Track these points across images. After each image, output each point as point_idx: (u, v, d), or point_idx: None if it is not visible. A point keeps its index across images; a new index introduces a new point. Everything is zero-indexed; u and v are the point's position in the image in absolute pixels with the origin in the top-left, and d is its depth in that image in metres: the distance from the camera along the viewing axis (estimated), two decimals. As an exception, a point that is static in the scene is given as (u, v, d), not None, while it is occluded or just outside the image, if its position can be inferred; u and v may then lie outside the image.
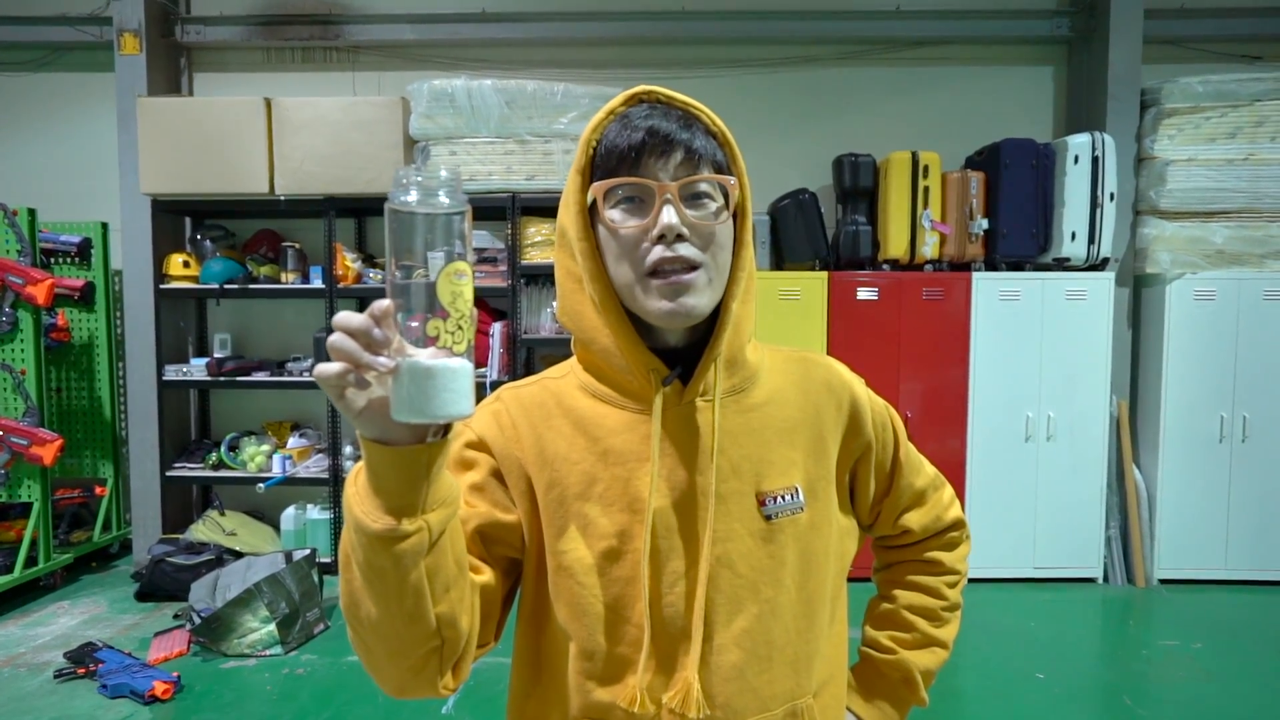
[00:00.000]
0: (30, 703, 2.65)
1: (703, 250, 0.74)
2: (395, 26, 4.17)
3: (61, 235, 3.99)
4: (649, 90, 0.79)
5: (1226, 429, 3.76)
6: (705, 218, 0.74)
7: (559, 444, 0.78)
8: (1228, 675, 2.90)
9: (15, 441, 3.48)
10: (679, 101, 0.78)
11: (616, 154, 0.74)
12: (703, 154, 0.75)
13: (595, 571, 0.76)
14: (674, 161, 0.74)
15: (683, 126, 0.75)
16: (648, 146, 0.73)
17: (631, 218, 0.74)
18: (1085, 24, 4.04)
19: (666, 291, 0.73)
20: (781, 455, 0.80)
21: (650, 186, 0.73)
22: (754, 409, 0.80)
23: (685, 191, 0.73)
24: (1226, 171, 3.75)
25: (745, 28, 4.14)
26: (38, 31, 4.25)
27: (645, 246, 0.73)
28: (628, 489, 0.76)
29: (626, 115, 0.76)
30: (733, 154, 0.78)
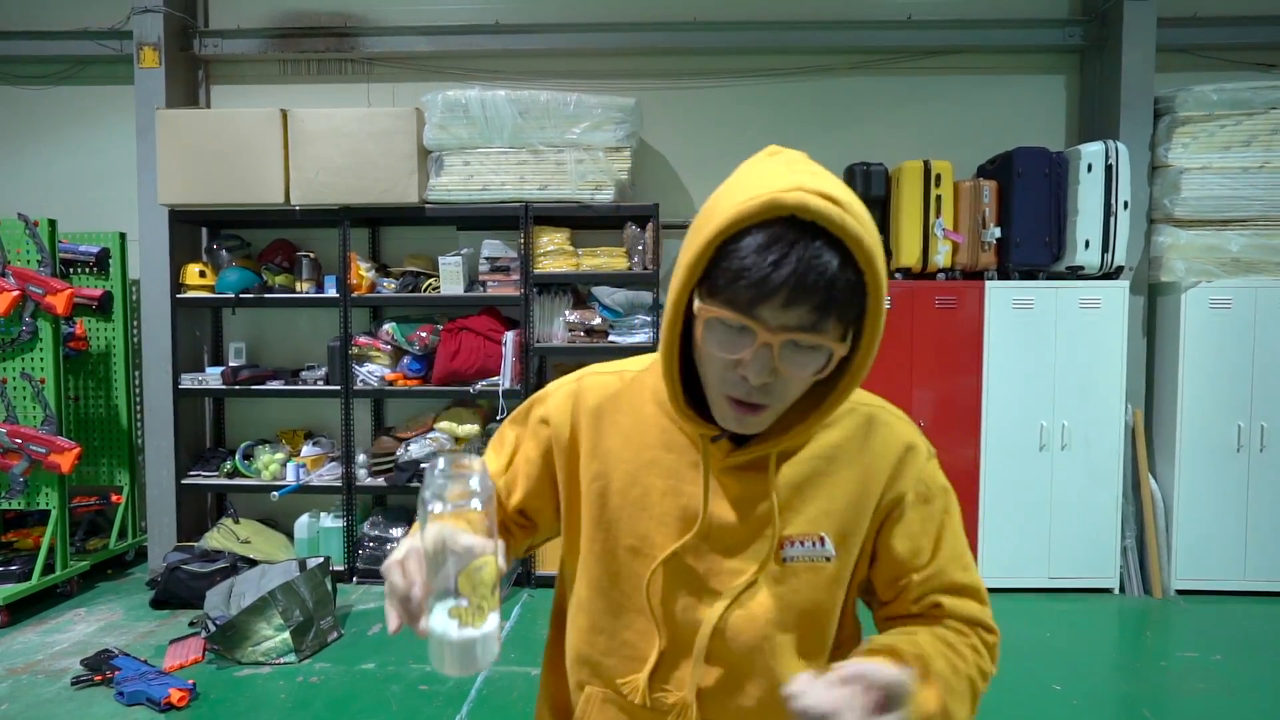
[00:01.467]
0: (48, 709, 2.67)
1: (782, 394, 0.73)
2: (410, 38, 4.21)
3: (80, 245, 4.04)
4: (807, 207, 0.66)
5: (1244, 438, 3.73)
6: (797, 369, 0.71)
7: (615, 439, 0.84)
8: (1249, 688, 2.86)
9: (34, 449, 3.51)
10: (842, 230, 0.67)
11: (740, 285, 0.68)
12: (832, 308, 0.68)
13: (619, 562, 0.83)
14: (797, 313, 0.68)
15: (824, 267, 0.66)
16: (777, 290, 0.66)
17: (725, 345, 0.71)
18: (1098, 32, 4.04)
19: (732, 417, 0.75)
20: (816, 506, 0.82)
21: (756, 331, 0.69)
22: (801, 462, 0.82)
23: (788, 342, 0.70)
24: (1242, 179, 3.73)
25: (757, 37, 4.16)
26: (59, 45, 4.32)
27: (730, 372, 0.72)
28: (663, 501, 0.82)
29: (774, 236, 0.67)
30: (875, 299, 0.71)
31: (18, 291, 3.47)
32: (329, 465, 4.11)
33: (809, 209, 0.66)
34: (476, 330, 3.89)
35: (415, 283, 3.96)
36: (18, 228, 3.57)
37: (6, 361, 3.57)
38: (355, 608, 3.61)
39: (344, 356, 3.92)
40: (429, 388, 3.94)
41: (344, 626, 3.37)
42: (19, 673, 2.95)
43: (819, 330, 0.69)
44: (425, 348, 3.93)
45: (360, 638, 3.29)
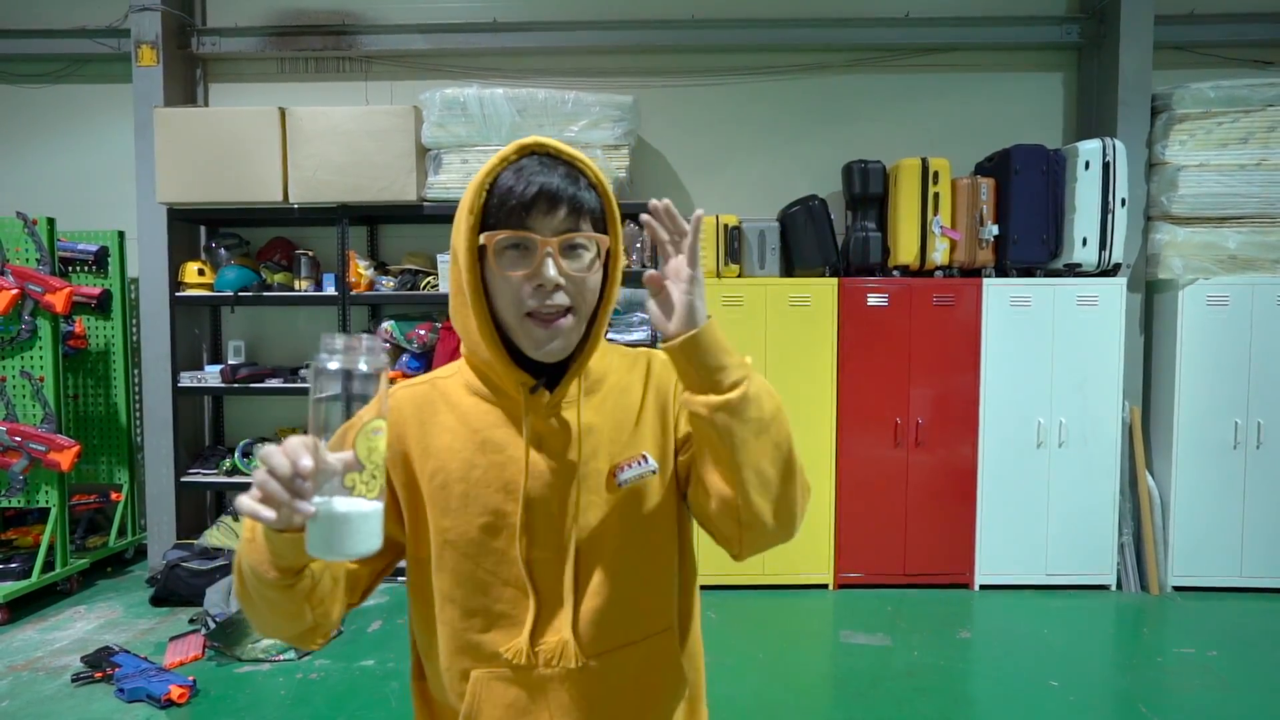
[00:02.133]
0: (48, 706, 2.68)
1: (575, 296, 0.86)
2: (408, 36, 4.21)
3: (79, 244, 4.05)
4: (539, 143, 0.87)
5: (1241, 435, 3.74)
6: (580, 269, 0.86)
7: (443, 436, 0.91)
8: (1245, 684, 2.87)
9: (33, 447, 3.52)
10: (566, 155, 0.88)
11: (507, 206, 0.84)
12: (583, 208, 0.86)
13: (476, 543, 0.89)
14: (557, 216, 0.85)
15: (569, 181, 0.85)
16: (535, 201, 0.84)
17: (515, 265, 0.85)
18: (1095, 30, 4.04)
19: (540, 335, 0.86)
20: (632, 434, 0.93)
21: (534, 240, 0.84)
22: (605, 401, 0.94)
23: (564, 244, 0.85)
24: (1239, 177, 3.74)
25: (755, 35, 4.16)
26: (57, 44, 4.31)
27: (526, 290, 0.85)
28: (503, 473, 0.89)
29: (519, 166, 0.86)
30: (610, 206, 0.89)
31: (17, 290, 3.48)
32: (328, 463, 4.11)
33: (543, 144, 0.87)
34: (475, 328, 3.89)
35: (414, 281, 3.97)
36: (16, 226, 3.57)
37: (6, 360, 3.58)
38: (354, 605, 3.62)
39: (343, 354, 3.92)
40: (428, 386, 3.94)
41: (343, 624, 3.38)
42: (19, 670, 2.96)
43: (581, 228, 0.86)
44: (424, 345, 3.94)
45: (360, 635, 3.30)
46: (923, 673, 2.96)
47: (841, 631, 3.34)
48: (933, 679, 2.91)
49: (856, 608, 3.60)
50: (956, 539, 3.82)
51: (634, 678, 0.92)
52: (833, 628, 3.39)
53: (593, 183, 0.88)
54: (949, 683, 2.90)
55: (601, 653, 0.90)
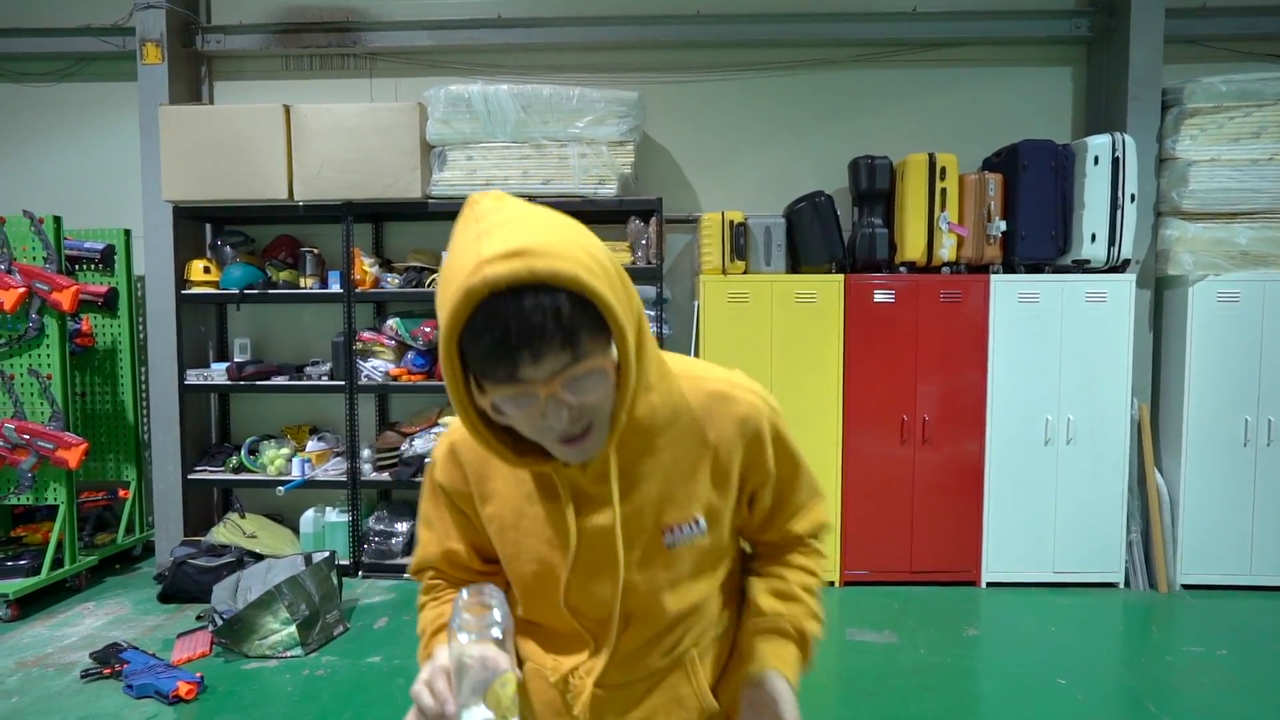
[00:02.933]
0: (58, 702, 2.70)
1: (594, 410, 0.79)
2: (412, 33, 4.20)
3: (86, 242, 4.06)
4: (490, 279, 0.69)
5: (1251, 432, 3.71)
6: (590, 391, 0.76)
7: (497, 482, 0.94)
8: (1255, 683, 2.85)
9: (41, 445, 3.53)
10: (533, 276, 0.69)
11: (490, 366, 0.72)
12: (574, 337, 0.72)
13: (529, 587, 0.95)
14: (549, 359, 0.72)
15: (543, 315, 0.70)
16: (518, 354, 0.71)
17: (519, 407, 0.76)
18: (1105, 23, 4.00)
19: (569, 453, 0.82)
20: (684, 490, 0.91)
21: (534, 394, 0.74)
22: (659, 451, 0.90)
23: (566, 382, 0.74)
24: (1251, 171, 3.70)
25: (760, 30, 4.14)
26: (62, 42, 4.32)
27: (539, 425, 0.78)
28: (549, 525, 0.91)
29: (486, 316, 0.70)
30: (604, 303, 0.72)
31: (24, 288, 3.49)
32: (334, 460, 4.12)
33: (498, 282, 0.69)
34: (480, 325, 3.88)
35: (419, 278, 3.96)
36: (23, 225, 3.58)
37: (14, 358, 3.59)
38: (361, 601, 3.63)
39: (348, 352, 3.93)
40: (433, 383, 3.94)
41: (350, 620, 3.39)
42: (29, 666, 2.98)
43: (580, 359, 0.73)
44: (429, 343, 3.94)
45: (366, 631, 3.30)
46: (929, 670, 2.95)
47: (848, 629, 3.34)
48: (939, 677, 2.90)
49: (863, 605, 3.60)
50: (963, 536, 3.80)
51: (653, 703, 0.98)
52: (839, 625, 3.39)
53: (572, 291, 0.71)
54: (956, 680, 2.89)
55: (620, 684, 0.97)
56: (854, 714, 2.65)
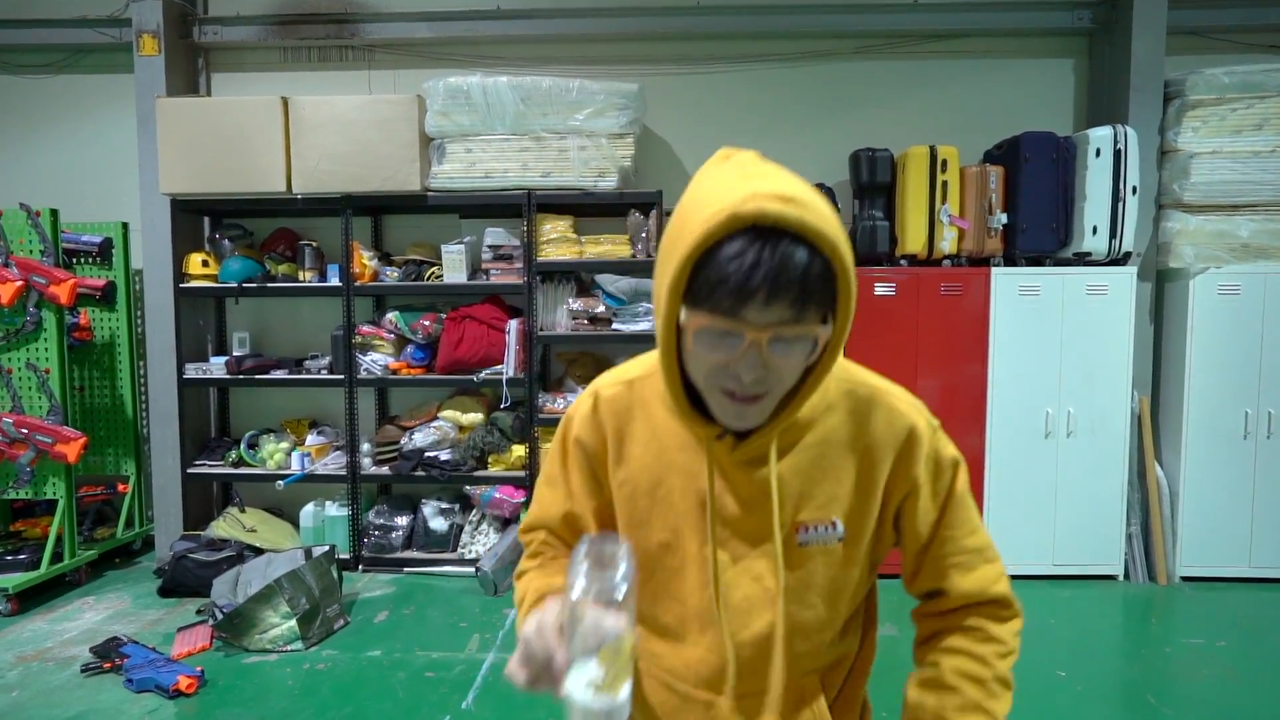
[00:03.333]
0: (58, 696, 2.70)
1: (774, 381, 0.77)
2: (411, 24, 4.18)
3: (83, 235, 4.04)
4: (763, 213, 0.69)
5: (1251, 425, 3.71)
6: (786, 360, 0.75)
7: (635, 446, 0.91)
8: (1253, 674, 2.86)
9: (40, 439, 3.52)
10: (802, 227, 0.70)
11: (720, 292, 0.71)
12: (810, 299, 0.72)
13: (653, 558, 0.91)
14: (776, 309, 0.72)
15: (796, 267, 0.70)
16: (756, 290, 0.70)
17: (715, 348, 0.75)
18: (1107, 15, 3.98)
19: (730, 410, 0.79)
20: (824, 490, 0.88)
21: (743, 332, 0.73)
22: (804, 449, 0.87)
23: (775, 337, 0.74)
24: (1253, 164, 3.69)
25: (761, 22, 4.11)
26: (58, 34, 4.29)
27: (722, 370, 0.76)
28: (685, 499, 0.88)
29: (740, 248, 0.70)
30: (846, 285, 0.74)
31: (21, 282, 3.48)
32: (333, 454, 4.12)
33: (767, 215, 0.70)
34: (480, 319, 3.88)
35: (418, 271, 3.95)
36: (20, 218, 3.56)
37: (11, 352, 3.58)
38: (361, 595, 3.63)
39: (347, 345, 3.92)
40: (433, 376, 3.93)
41: (350, 614, 3.39)
42: (29, 660, 2.97)
43: (800, 321, 0.73)
44: (429, 336, 3.93)
45: (366, 625, 3.31)
46: (930, 663, 2.95)
47: (848, 622, 3.34)
48: (940, 670, 2.90)
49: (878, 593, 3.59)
50: (963, 529, 3.80)
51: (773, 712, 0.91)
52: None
53: (829, 259, 0.72)
54: (956, 673, 2.89)
55: (747, 694, 0.91)
56: (854, 706, 2.65)
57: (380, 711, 2.60)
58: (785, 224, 0.70)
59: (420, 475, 3.88)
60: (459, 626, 3.29)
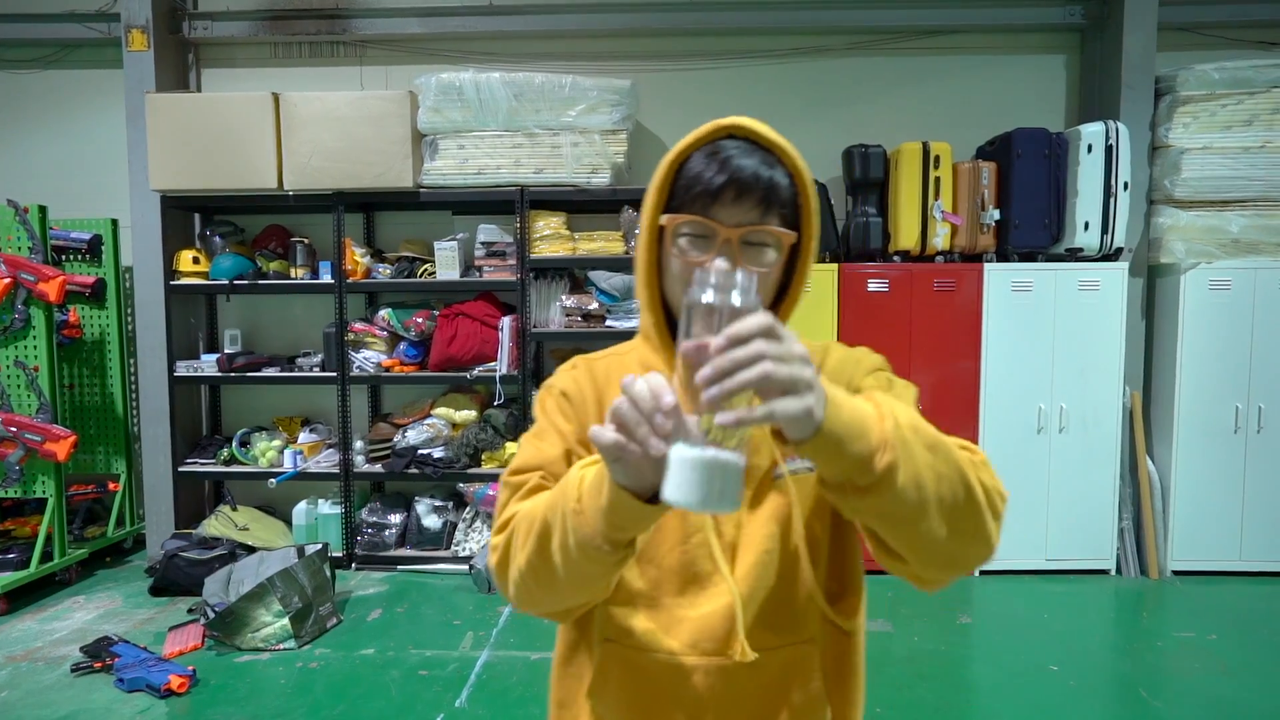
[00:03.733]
0: (48, 696, 2.68)
1: None
2: (402, 20, 4.16)
3: (72, 232, 4.01)
4: (737, 124, 0.82)
5: (1241, 419, 3.73)
6: (758, 264, 0.81)
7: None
8: (1244, 667, 2.88)
9: (29, 438, 3.50)
10: (765, 140, 0.82)
11: (694, 191, 0.81)
12: (775, 200, 0.81)
13: None
14: (744, 207, 0.80)
15: (764, 168, 0.80)
16: (724, 189, 0.79)
17: (694, 250, 0.82)
18: (1099, 11, 3.99)
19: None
20: None
21: (715, 230, 0.80)
22: None
23: (746, 237, 0.81)
24: (1243, 159, 3.70)
25: (754, 18, 4.11)
26: (46, 29, 4.25)
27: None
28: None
29: (714, 148, 0.81)
30: (806, 200, 0.83)
31: (9, 279, 3.45)
32: (326, 452, 4.10)
33: (741, 125, 0.83)
34: (473, 315, 3.87)
35: (411, 268, 3.93)
36: (8, 214, 3.53)
37: (0, 350, 3.55)
38: (354, 594, 3.62)
39: (340, 343, 3.90)
40: (426, 373, 3.92)
41: (343, 612, 3.38)
42: (18, 660, 2.95)
43: (768, 222, 0.81)
44: (421, 333, 3.91)
45: (359, 623, 3.29)
46: (923, 658, 2.96)
47: (842, 617, 3.35)
48: (933, 664, 2.92)
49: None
50: (956, 525, 3.81)
51: (763, 686, 0.85)
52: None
53: (790, 171, 0.83)
54: (949, 668, 2.90)
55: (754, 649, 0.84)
56: (848, 701, 2.65)
57: (373, 710, 2.60)
58: (757, 137, 0.82)
59: (413, 473, 3.87)
60: (452, 624, 3.28)
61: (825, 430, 0.63)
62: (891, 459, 0.65)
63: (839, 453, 0.64)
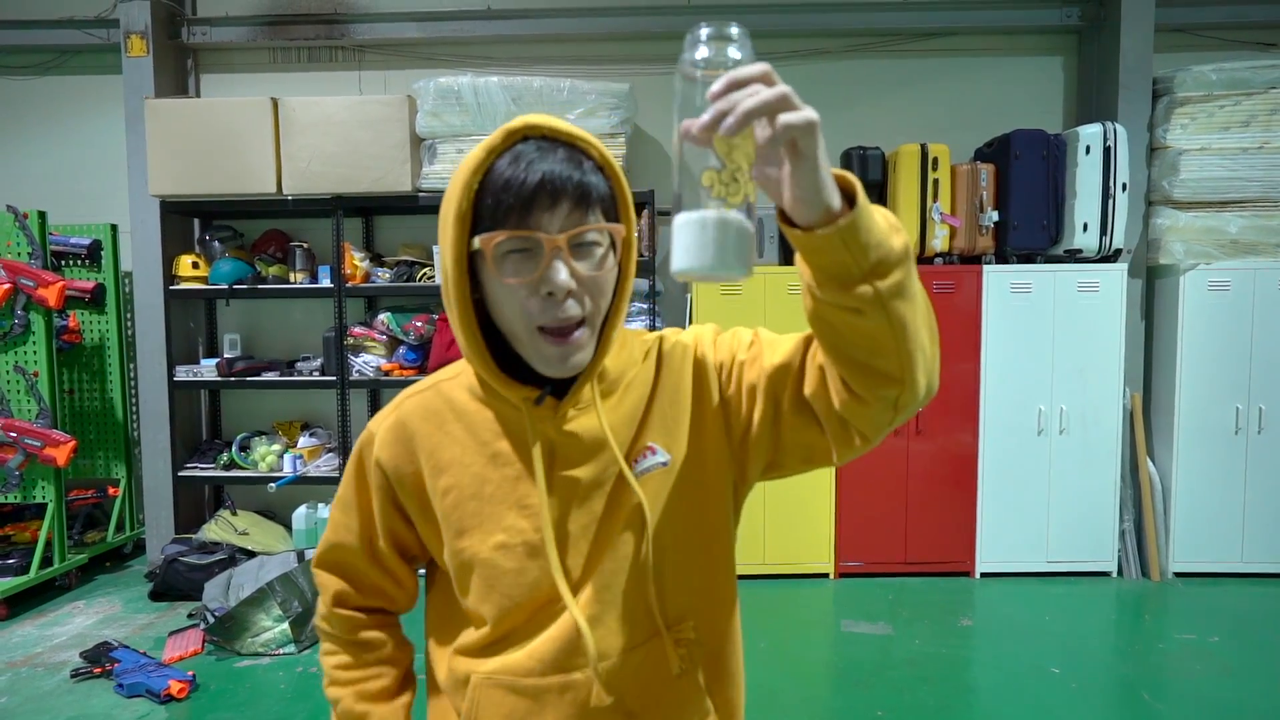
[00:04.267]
0: (48, 702, 2.67)
1: (589, 301, 0.76)
2: (400, 25, 4.16)
3: (71, 238, 4.01)
4: (530, 124, 0.74)
5: (1242, 420, 3.72)
6: (593, 267, 0.75)
7: (454, 449, 0.84)
8: (1246, 669, 2.87)
9: (29, 443, 3.50)
10: (565, 135, 0.75)
11: (504, 204, 0.72)
12: (591, 196, 0.74)
13: (490, 564, 0.82)
14: (563, 210, 0.73)
15: (572, 166, 0.73)
16: (538, 194, 0.72)
17: (519, 271, 0.73)
18: (1096, 12, 4.00)
19: (553, 352, 0.76)
20: (639, 430, 0.84)
21: (540, 240, 0.72)
22: (622, 400, 0.84)
23: (574, 241, 0.74)
24: (1241, 160, 3.71)
25: (751, 21, 4.09)
26: (45, 35, 4.26)
27: (534, 301, 0.74)
28: (516, 489, 0.82)
29: (514, 154, 0.73)
30: (621, 190, 0.78)
31: (9, 284, 3.45)
32: (326, 456, 4.10)
33: (535, 125, 0.74)
34: (472, 319, 3.86)
35: (410, 272, 3.94)
36: (7, 220, 3.54)
37: (0, 355, 3.56)
38: (354, 598, 3.61)
39: (339, 347, 3.91)
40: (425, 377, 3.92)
41: (343, 617, 3.37)
42: (18, 666, 2.95)
43: (590, 220, 0.74)
44: (421, 337, 3.91)
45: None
46: (924, 661, 2.96)
47: (843, 620, 3.34)
48: (934, 667, 2.91)
49: (858, 597, 3.60)
50: (957, 527, 3.81)
51: (635, 686, 0.82)
52: (834, 617, 3.39)
53: (599, 164, 0.76)
54: (950, 671, 2.89)
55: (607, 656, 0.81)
56: (849, 705, 2.65)
57: (373, 714, 2.59)
58: (554, 132, 0.74)
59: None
60: (453, 628, 3.27)
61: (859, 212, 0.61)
62: (904, 237, 0.66)
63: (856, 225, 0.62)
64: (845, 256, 0.63)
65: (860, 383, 0.72)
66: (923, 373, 0.73)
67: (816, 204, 0.62)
